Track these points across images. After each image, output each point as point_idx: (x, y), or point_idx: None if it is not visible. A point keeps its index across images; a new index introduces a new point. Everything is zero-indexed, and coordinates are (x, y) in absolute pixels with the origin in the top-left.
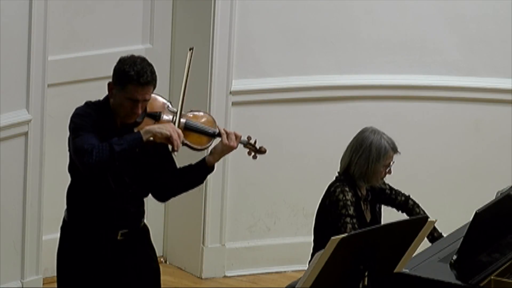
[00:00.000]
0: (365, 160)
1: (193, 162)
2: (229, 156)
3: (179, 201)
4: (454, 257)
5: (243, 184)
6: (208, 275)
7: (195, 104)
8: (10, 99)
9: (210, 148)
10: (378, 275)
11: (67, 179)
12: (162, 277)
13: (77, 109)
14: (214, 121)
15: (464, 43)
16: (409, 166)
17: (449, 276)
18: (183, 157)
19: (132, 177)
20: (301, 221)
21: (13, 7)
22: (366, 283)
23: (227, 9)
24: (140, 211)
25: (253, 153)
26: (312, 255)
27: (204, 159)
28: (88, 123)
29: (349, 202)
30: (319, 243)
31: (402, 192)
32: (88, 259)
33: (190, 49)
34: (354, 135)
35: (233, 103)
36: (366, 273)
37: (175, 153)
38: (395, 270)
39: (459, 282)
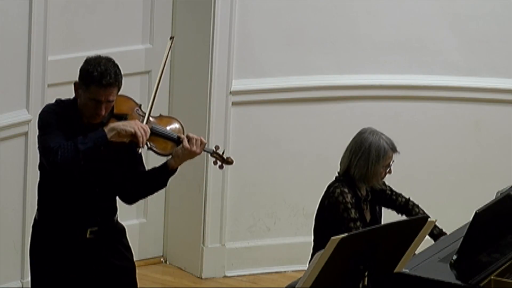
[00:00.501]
0: (365, 162)
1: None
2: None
3: (179, 201)
4: (454, 257)
5: (243, 184)
6: (208, 275)
7: (195, 104)
8: (10, 99)
9: None
10: (378, 275)
11: None
12: (162, 277)
13: (45, 107)
14: (182, 128)
15: (464, 43)
16: (409, 166)
17: (449, 276)
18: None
19: (98, 175)
20: (301, 221)
21: (13, 7)
22: (366, 283)
23: (227, 9)
24: (110, 209)
25: (219, 163)
26: (312, 255)
27: (166, 162)
28: (55, 120)
29: (349, 205)
30: (319, 243)
31: (403, 194)
32: (57, 257)
33: (170, 38)
34: (354, 135)
35: (233, 103)
36: (366, 273)
37: (140, 149)
38: (395, 270)
39: (459, 282)
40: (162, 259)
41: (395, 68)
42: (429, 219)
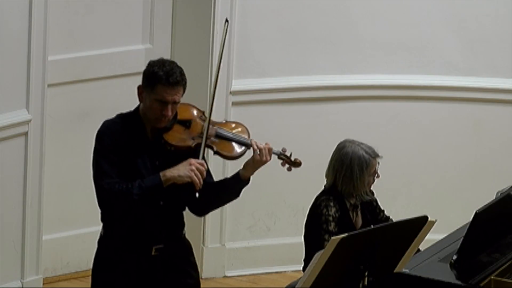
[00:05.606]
0: (350, 178)
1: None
2: None
3: None
4: (454, 257)
5: None
6: (208, 275)
7: (195, 104)
8: (10, 99)
9: (243, 156)
10: (378, 275)
11: (67, 179)
12: None
13: (102, 125)
14: (247, 131)
15: (464, 43)
16: (408, 166)
17: (449, 276)
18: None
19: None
20: (301, 221)
21: (13, 7)
22: (366, 283)
23: (227, 9)
24: (176, 225)
25: (287, 165)
26: (305, 261)
27: (238, 172)
28: (109, 145)
29: (330, 218)
30: (308, 252)
31: (385, 212)
32: (122, 274)
33: (226, 21)
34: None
35: (233, 103)
36: (366, 273)
37: (197, 194)
38: (395, 270)
39: (459, 282)
40: None
41: (395, 68)
42: (429, 219)
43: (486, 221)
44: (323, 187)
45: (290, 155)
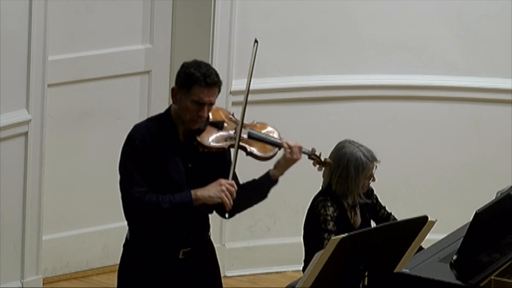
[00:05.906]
0: (345, 179)
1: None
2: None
3: None
4: (454, 257)
5: None
6: None
7: None
8: (10, 99)
9: (274, 157)
10: (378, 275)
11: (67, 179)
12: None
13: (134, 127)
14: (277, 132)
15: (464, 43)
16: (409, 166)
17: (449, 276)
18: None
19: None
20: (301, 221)
21: (13, 7)
22: (366, 283)
23: (227, 9)
24: (203, 227)
25: (318, 165)
26: (305, 262)
27: (268, 172)
28: (140, 148)
29: (329, 217)
30: (308, 253)
31: (386, 208)
32: (148, 278)
33: (255, 42)
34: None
35: (233, 103)
36: (366, 273)
37: (227, 214)
38: (395, 270)
39: (459, 282)
40: None
41: (395, 68)
42: (429, 219)
43: (486, 221)
44: (320, 188)
45: (320, 154)
